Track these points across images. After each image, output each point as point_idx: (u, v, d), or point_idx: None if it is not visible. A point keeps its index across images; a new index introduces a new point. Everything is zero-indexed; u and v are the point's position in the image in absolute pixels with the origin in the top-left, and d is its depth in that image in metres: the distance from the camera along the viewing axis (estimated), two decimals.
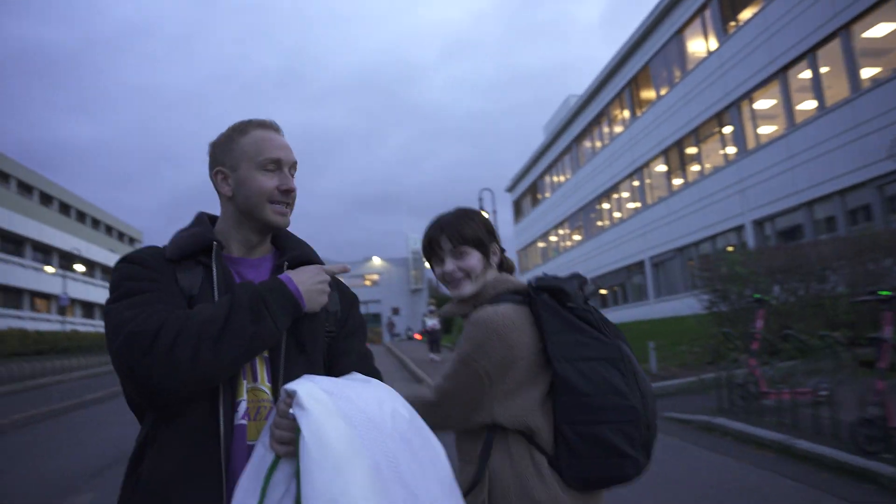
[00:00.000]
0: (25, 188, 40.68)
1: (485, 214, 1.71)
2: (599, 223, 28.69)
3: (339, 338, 1.36)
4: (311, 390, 1.03)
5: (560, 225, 33.56)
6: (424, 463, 1.08)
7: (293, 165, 1.34)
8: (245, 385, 1.19)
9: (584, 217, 30.11)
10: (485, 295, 1.56)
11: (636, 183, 24.23)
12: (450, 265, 1.58)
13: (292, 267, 1.30)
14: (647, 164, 23.12)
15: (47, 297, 39.69)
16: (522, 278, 1.72)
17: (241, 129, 1.32)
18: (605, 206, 27.81)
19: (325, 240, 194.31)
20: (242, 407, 1.17)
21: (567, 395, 1.41)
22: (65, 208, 45.93)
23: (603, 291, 28.35)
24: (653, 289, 22.87)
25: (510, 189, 43.25)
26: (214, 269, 1.24)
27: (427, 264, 1.65)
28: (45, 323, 35.26)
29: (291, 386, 1.04)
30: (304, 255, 1.35)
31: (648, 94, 23.17)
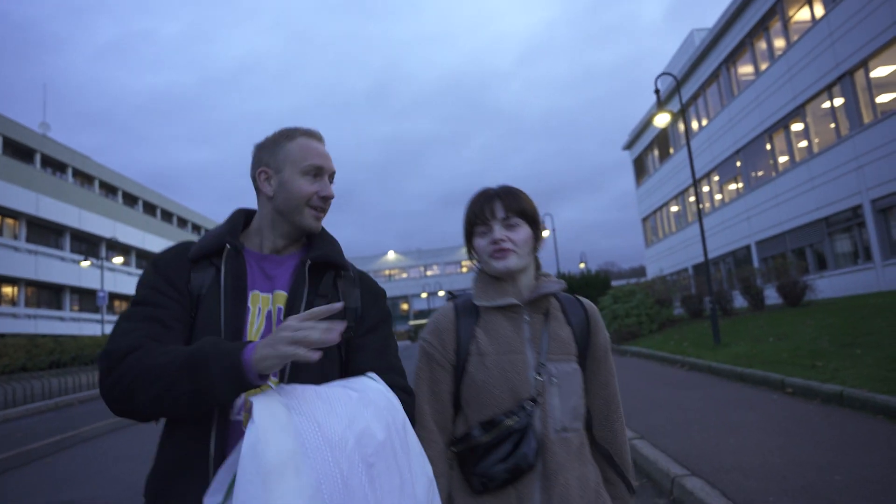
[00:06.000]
0: (110, 189, 40.14)
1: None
2: (763, 172, 21.50)
3: (357, 334, 1.39)
4: (268, 404, 1.05)
5: (705, 178, 26.41)
6: (385, 487, 1.09)
7: (332, 174, 1.44)
8: None
9: (743, 161, 22.92)
10: (550, 283, 1.52)
11: (839, 100, 17.01)
12: (499, 232, 1.48)
13: (314, 266, 1.38)
14: (860, 67, 15.89)
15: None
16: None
17: (288, 134, 1.42)
18: (779, 142, 20.59)
19: (420, 235, 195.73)
20: (238, 403, 1.25)
21: None
22: (150, 208, 45.26)
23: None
24: (879, 246, 15.69)
25: (628, 146, 36.05)
26: (223, 272, 1.32)
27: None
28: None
29: (253, 398, 1.06)
30: (325, 255, 1.40)
31: None
